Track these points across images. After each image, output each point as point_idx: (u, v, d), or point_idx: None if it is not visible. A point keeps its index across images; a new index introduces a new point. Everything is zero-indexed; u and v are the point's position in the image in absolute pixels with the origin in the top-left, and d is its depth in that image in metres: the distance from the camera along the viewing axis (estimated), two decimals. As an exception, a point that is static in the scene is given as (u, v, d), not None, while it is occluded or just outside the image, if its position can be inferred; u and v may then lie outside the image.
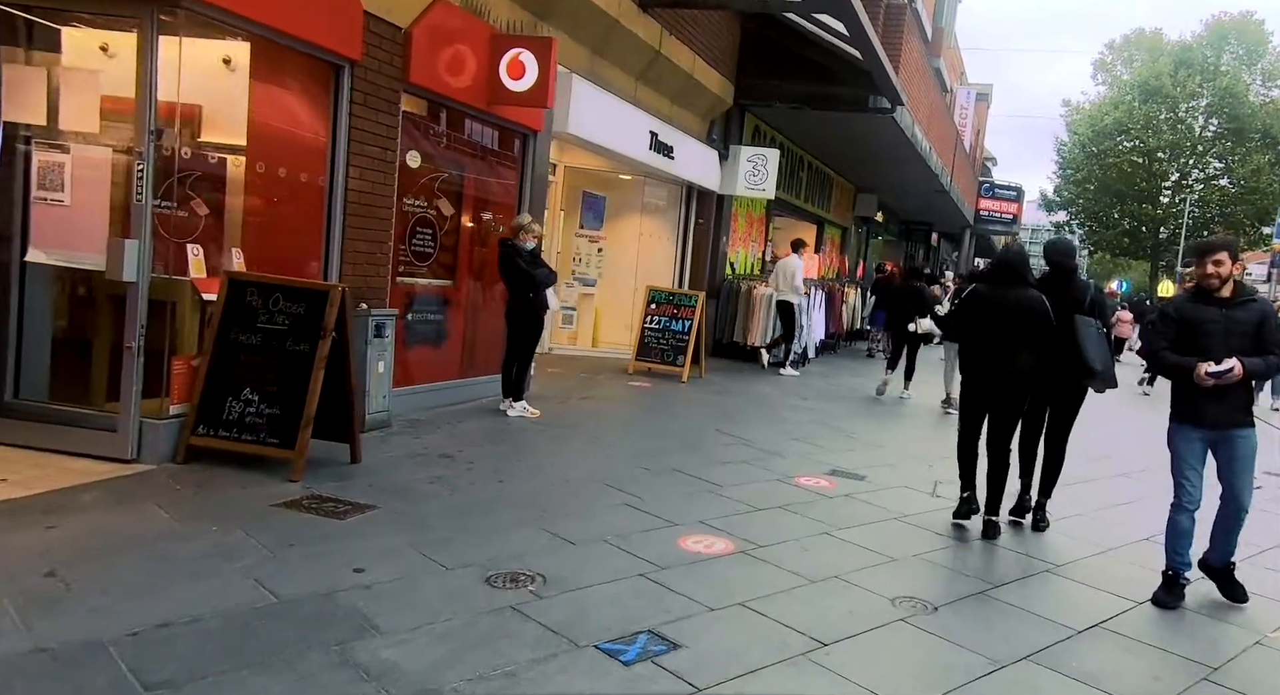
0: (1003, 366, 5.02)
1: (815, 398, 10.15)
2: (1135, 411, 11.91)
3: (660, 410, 8.34)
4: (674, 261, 12.85)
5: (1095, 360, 4.94)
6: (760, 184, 12.82)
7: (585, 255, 11.77)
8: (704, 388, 9.96)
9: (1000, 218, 30.84)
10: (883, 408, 10.08)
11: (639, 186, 12.36)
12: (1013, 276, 5.10)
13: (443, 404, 7.12)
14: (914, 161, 16.54)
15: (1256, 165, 39.92)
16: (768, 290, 12.77)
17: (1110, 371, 5.09)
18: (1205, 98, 42.54)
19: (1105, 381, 5.08)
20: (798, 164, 16.61)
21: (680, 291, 10.60)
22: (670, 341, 10.36)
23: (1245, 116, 40.64)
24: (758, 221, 15.53)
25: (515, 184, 7.88)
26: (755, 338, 12.73)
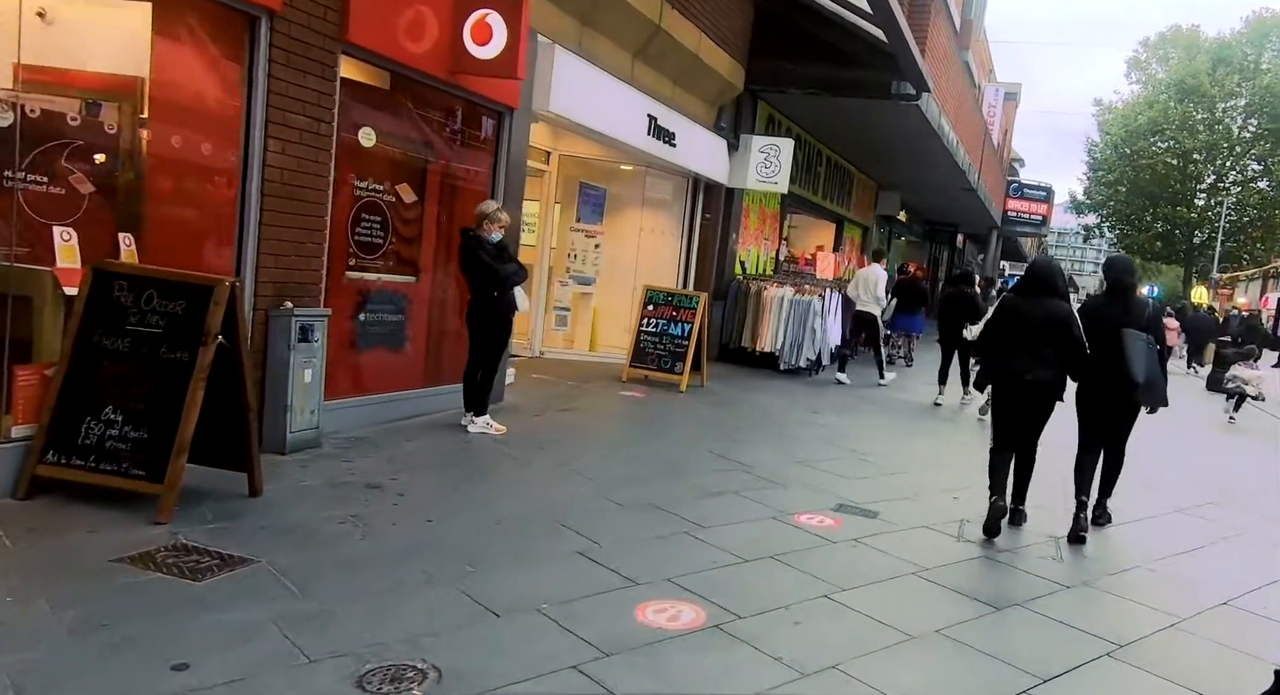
0: (1031, 374, 5.12)
1: (828, 410, 9.17)
2: (1213, 439, 10.83)
3: (649, 426, 7.40)
4: (678, 259, 11.90)
5: (1138, 372, 5.00)
6: (772, 176, 11.85)
7: (581, 252, 10.84)
8: (704, 399, 9.01)
9: (1029, 219, 29.67)
10: (903, 423, 9.08)
11: (640, 178, 11.42)
12: (1043, 287, 5.23)
13: (397, 417, 6.23)
14: (940, 156, 15.48)
15: (1297, 167, 38.37)
16: (780, 291, 11.80)
17: (1160, 388, 5.18)
18: (1244, 97, 40.99)
19: (1152, 397, 5.18)
20: (815, 158, 15.60)
21: (680, 292, 9.65)
22: (668, 347, 9.42)
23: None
24: (771, 218, 14.55)
25: (488, 169, 6.97)
26: (765, 343, 11.76)
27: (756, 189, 12.16)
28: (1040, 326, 5.11)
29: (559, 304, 10.78)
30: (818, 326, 11.68)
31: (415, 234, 6.50)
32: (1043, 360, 5.10)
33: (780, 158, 11.81)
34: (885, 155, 16.44)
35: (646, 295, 9.65)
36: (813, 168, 15.57)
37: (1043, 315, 5.12)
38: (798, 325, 11.66)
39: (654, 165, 10.90)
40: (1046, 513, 5.57)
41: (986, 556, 4.75)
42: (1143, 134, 42.20)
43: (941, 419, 9.64)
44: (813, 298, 11.69)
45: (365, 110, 5.82)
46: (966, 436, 8.70)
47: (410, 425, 6.15)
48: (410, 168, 6.34)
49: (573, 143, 10.26)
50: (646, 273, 11.57)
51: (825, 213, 17.57)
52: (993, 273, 24.21)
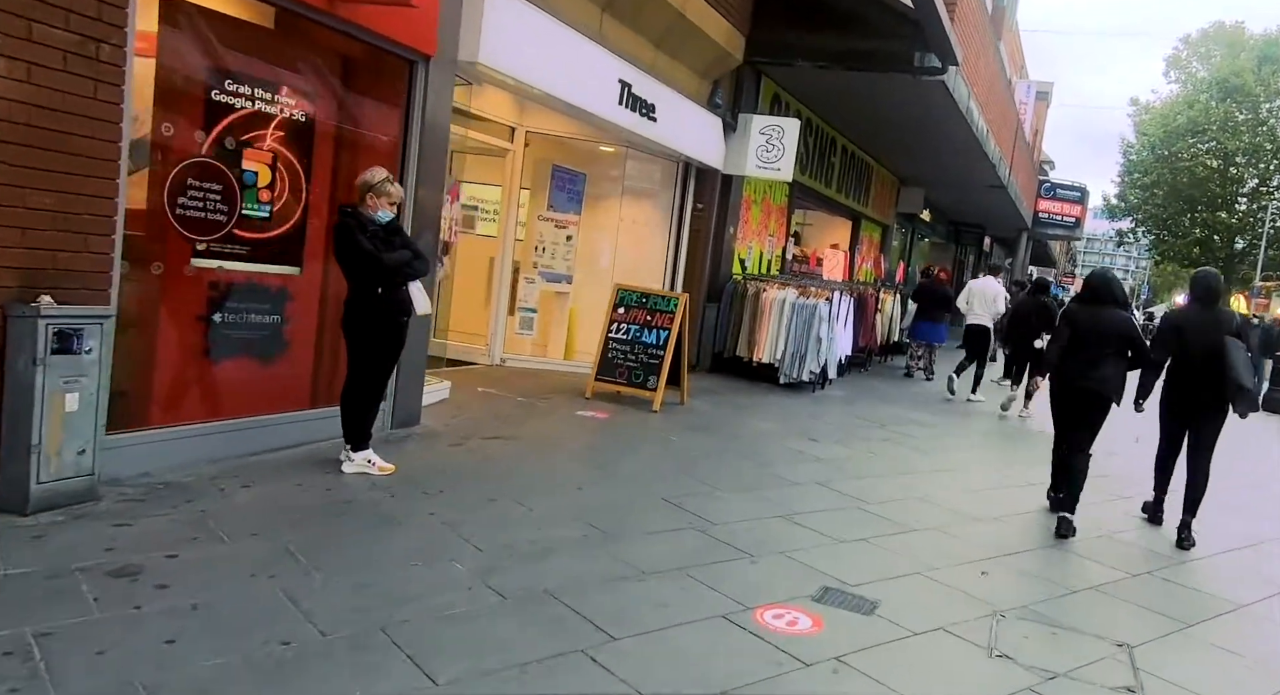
0: (1090, 379, 5.39)
1: (829, 438, 7.66)
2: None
3: (597, 460, 5.92)
4: (666, 255, 10.43)
5: (1244, 378, 5.20)
6: (775, 162, 10.34)
7: (551, 244, 9.38)
8: (680, 421, 7.54)
9: (1061, 221, 27.91)
10: (920, 454, 7.55)
11: (621, 161, 9.96)
12: (1103, 297, 5.53)
13: (261, 449, 4.82)
14: (967, 145, 13.89)
15: (1348, 171, 36.21)
16: (781, 294, 10.30)
17: (1252, 395, 5.32)
18: (1291, 96, 38.85)
19: (1249, 404, 5.34)
20: (828, 146, 14.05)
21: (656, 292, 8.18)
22: (641, 357, 7.95)
23: (1337, 117, 36.95)
24: (777, 212, 13.02)
25: (397, 135, 5.53)
26: (763, 352, 10.26)
27: (756, 176, 10.65)
28: (1102, 334, 5.41)
29: (524, 305, 9.33)
30: (824, 335, 10.17)
31: (295, 215, 5.07)
32: (1103, 366, 5.38)
33: (784, 140, 10.30)
34: (907, 144, 14.86)
35: (616, 295, 8.18)
36: (825, 157, 14.03)
37: (1104, 323, 5.42)
38: (801, 333, 10.15)
39: (635, 145, 9.43)
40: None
41: (1033, 691, 3.23)
42: (1181, 135, 40.13)
43: (968, 446, 8.10)
44: (819, 301, 10.17)
45: (210, 44, 4.41)
46: (998, 467, 7.16)
47: (271, 461, 4.72)
48: (292, 128, 4.92)
49: (541, 117, 8.83)
50: (628, 270, 10.10)
51: (840, 208, 16.01)
52: (1022, 276, 22.52)
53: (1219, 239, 41.59)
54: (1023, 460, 7.76)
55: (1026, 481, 6.90)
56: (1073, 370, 5.45)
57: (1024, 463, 7.65)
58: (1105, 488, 6.59)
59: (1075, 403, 5.52)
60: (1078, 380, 5.42)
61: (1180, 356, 5.57)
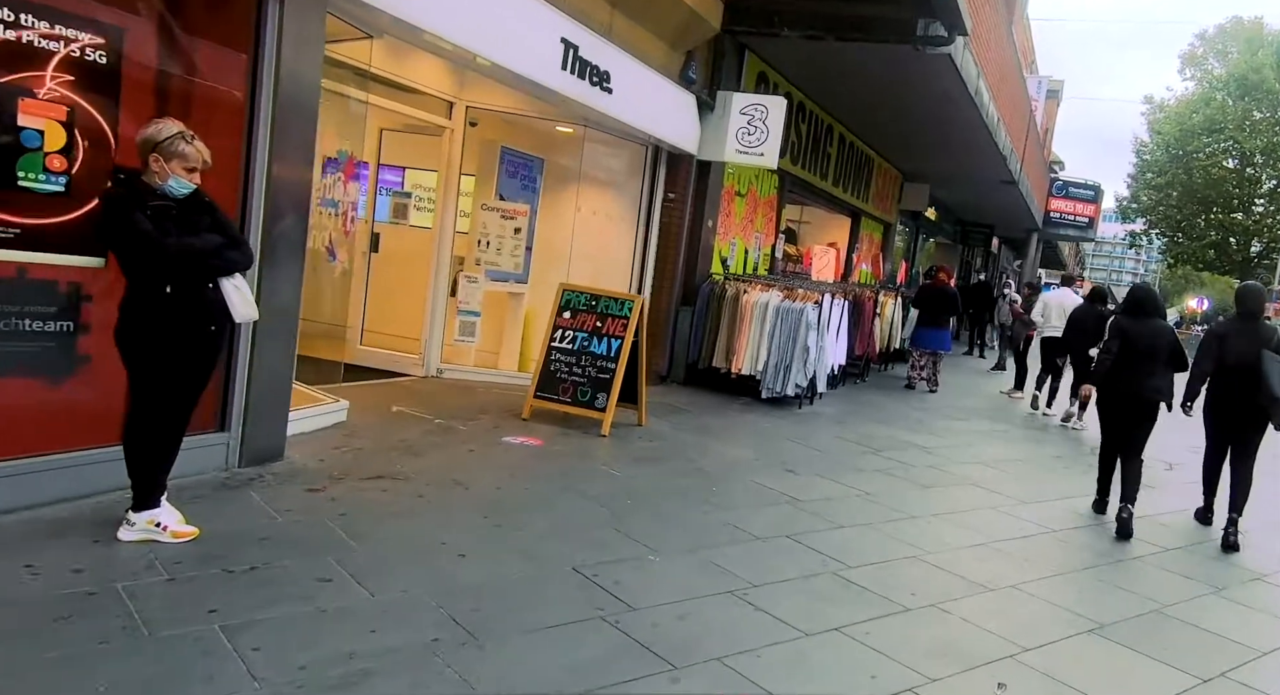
0: (1140, 387, 5.72)
1: (810, 469, 6.40)
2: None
3: (506, 510, 4.65)
4: (634, 252, 9.18)
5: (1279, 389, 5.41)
6: (757, 146, 9.07)
7: (496, 238, 8.13)
8: (633, 447, 6.29)
9: (1074, 221, 26.58)
10: (918, 490, 6.28)
11: (579, 144, 8.72)
12: (1147, 309, 5.87)
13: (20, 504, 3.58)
14: (976, 135, 12.62)
15: (1372, 172, 34.81)
16: (763, 296, 9.05)
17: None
18: (1312, 95, 37.40)
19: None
20: (824, 135, 12.79)
21: (609, 293, 6.92)
22: (589, 371, 6.70)
23: (1360, 116, 35.56)
24: (765, 206, 11.76)
25: (243, 88, 4.28)
26: (742, 362, 9.01)
27: (736, 163, 9.39)
28: (1153, 345, 5.71)
29: (465, 307, 8.09)
30: (812, 343, 8.91)
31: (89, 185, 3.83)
32: (1152, 375, 5.68)
33: (768, 121, 9.04)
34: (911, 133, 13.58)
35: (560, 297, 6.94)
36: (821, 146, 12.77)
37: (1150, 334, 5.73)
38: (785, 341, 8.90)
39: (594, 124, 8.19)
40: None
41: None
42: (1197, 134, 38.76)
43: (976, 479, 6.83)
44: (806, 305, 8.93)
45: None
46: (1011, 506, 5.89)
47: (29, 522, 3.48)
48: (91, 73, 3.69)
49: (485, 91, 7.60)
50: (591, 268, 8.88)
51: (837, 204, 14.74)
52: (1034, 279, 21.23)
53: (1235, 242, 40.21)
54: (1042, 496, 6.49)
55: (1046, 525, 5.65)
56: (1128, 380, 5.72)
57: (1043, 500, 6.39)
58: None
59: (1130, 411, 5.80)
60: (1134, 389, 5.72)
61: (1221, 367, 5.78)
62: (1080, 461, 8.29)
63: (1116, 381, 5.77)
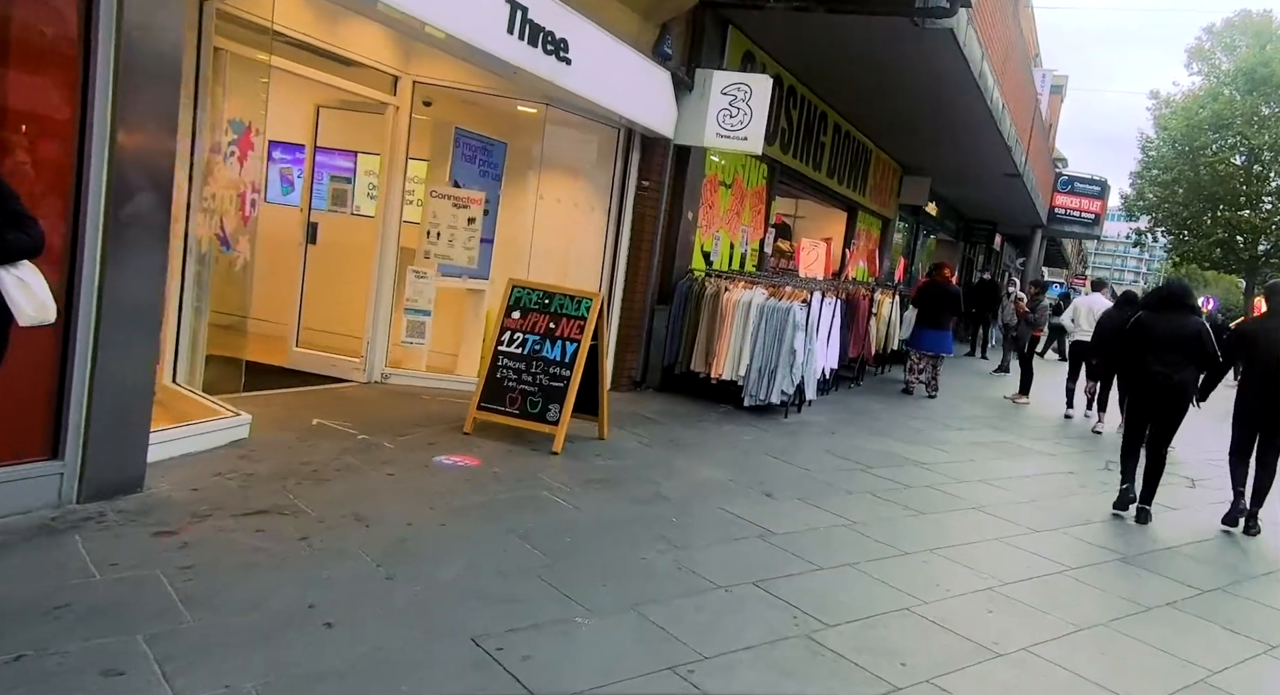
0: (1166, 381, 5.82)
1: (790, 493, 5.59)
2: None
3: (409, 555, 3.82)
4: (604, 245, 8.37)
5: None
6: (739, 130, 8.25)
7: (448, 229, 7.30)
8: (588, 468, 5.49)
9: (1079, 218, 25.78)
10: (912, 522, 5.47)
11: (545, 126, 7.89)
12: (1176, 304, 5.96)
13: None
14: (980, 122, 11.79)
15: (1386, 169, 33.92)
16: (746, 294, 8.25)
17: None
18: (1323, 90, 36.48)
19: None
20: (817, 122, 11.96)
21: (563, 290, 6.09)
22: (540, 378, 5.89)
23: (1373, 112, 34.66)
24: (753, 197, 10.94)
25: (74, 43, 3.45)
26: (723, 366, 8.21)
27: (717, 148, 8.57)
28: (1175, 339, 5.85)
29: (413, 305, 7.27)
30: (799, 345, 8.11)
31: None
32: (1183, 370, 5.85)
33: (752, 102, 8.21)
34: (910, 121, 12.74)
35: (509, 294, 6.12)
36: (814, 135, 11.94)
37: (1176, 328, 5.87)
38: (770, 343, 8.10)
39: (558, 103, 7.37)
40: None
41: None
42: (1204, 129, 37.86)
43: (980, 501, 6.01)
44: (793, 304, 8.12)
45: None
46: (1020, 538, 5.07)
47: None
48: None
49: (433, 63, 6.79)
50: (557, 264, 8.09)
51: (833, 197, 13.92)
52: (1039, 277, 20.39)
53: (1243, 240, 39.30)
54: (1055, 522, 5.68)
55: (1062, 562, 4.84)
56: (1155, 373, 5.86)
57: (1057, 526, 5.58)
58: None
59: (1158, 404, 5.93)
60: (1156, 380, 5.86)
61: (1249, 364, 5.98)
62: (1095, 477, 7.49)
63: (1141, 372, 5.96)
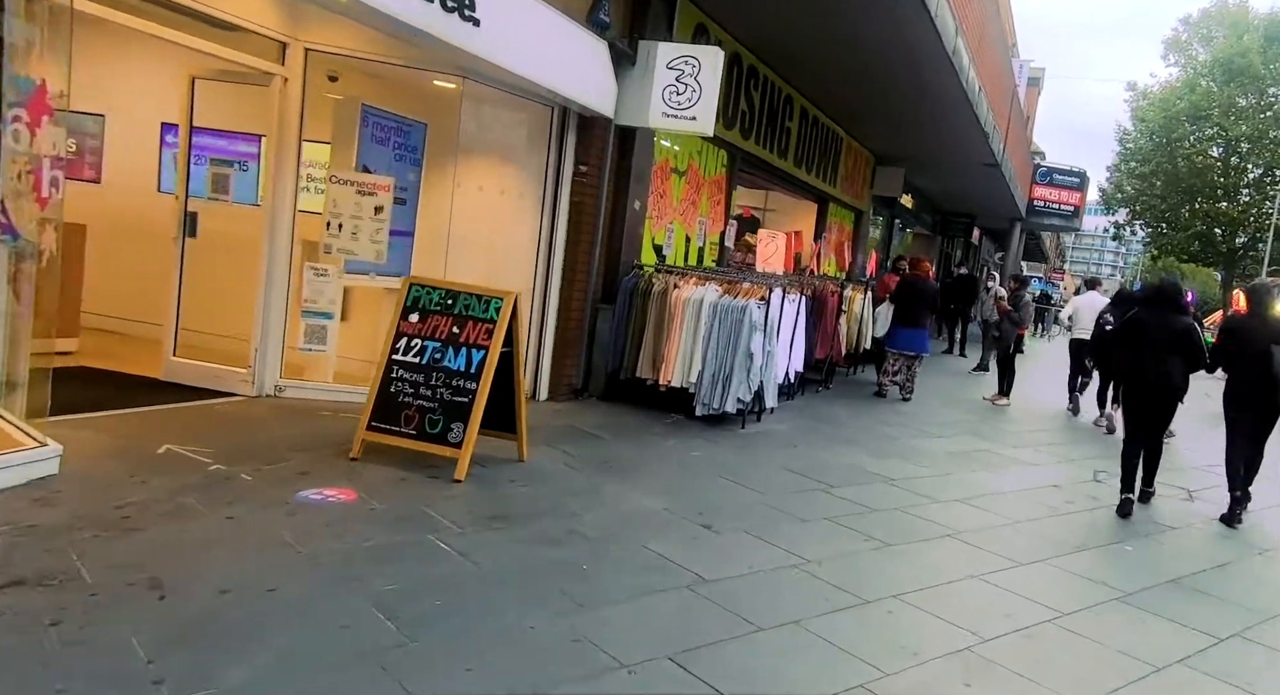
0: (1159, 380, 6.05)
1: (734, 523, 4.75)
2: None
3: (203, 643, 2.91)
4: (538, 238, 7.49)
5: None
6: (687, 108, 7.39)
7: (351, 219, 6.37)
8: (494, 499, 4.61)
9: (1059, 210, 25.18)
10: (875, 557, 4.64)
11: (469, 103, 7.00)
12: (1168, 303, 6.17)
13: None
14: (956, 106, 11.03)
15: (1364, 159, 33.58)
16: (698, 291, 7.41)
17: None
18: (1299, 81, 36.13)
19: None
20: (782, 106, 11.14)
21: (469, 289, 5.19)
22: (442, 392, 5.00)
23: (1350, 102, 34.34)
24: (711, 187, 10.10)
25: None
26: (672, 372, 7.36)
27: (663, 129, 7.71)
28: (1167, 337, 6.03)
29: (313, 308, 6.37)
30: (756, 348, 7.28)
31: None
32: (1169, 365, 6.04)
33: (700, 78, 7.36)
34: (881, 105, 11.95)
35: (407, 294, 5.23)
36: (778, 120, 11.12)
37: (1168, 327, 6.05)
38: (724, 345, 7.27)
39: (474, 75, 6.48)
40: None
41: None
42: (1181, 121, 37.44)
43: (956, 527, 5.19)
44: (749, 302, 7.29)
45: None
46: (1004, 575, 4.25)
47: None
48: None
49: (326, 28, 5.89)
50: (483, 259, 7.22)
51: (801, 187, 13.12)
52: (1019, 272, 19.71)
53: (1220, 232, 38.95)
54: (1043, 550, 4.87)
55: (1053, 606, 4.02)
56: (1147, 370, 6.07)
57: (1045, 556, 4.76)
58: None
59: (1154, 400, 6.15)
60: (1152, 379, 6.06)
61: (1239, 359, 6.18)
62: (1082, 491, 6.71)
63: (1138, 372, 6.16)
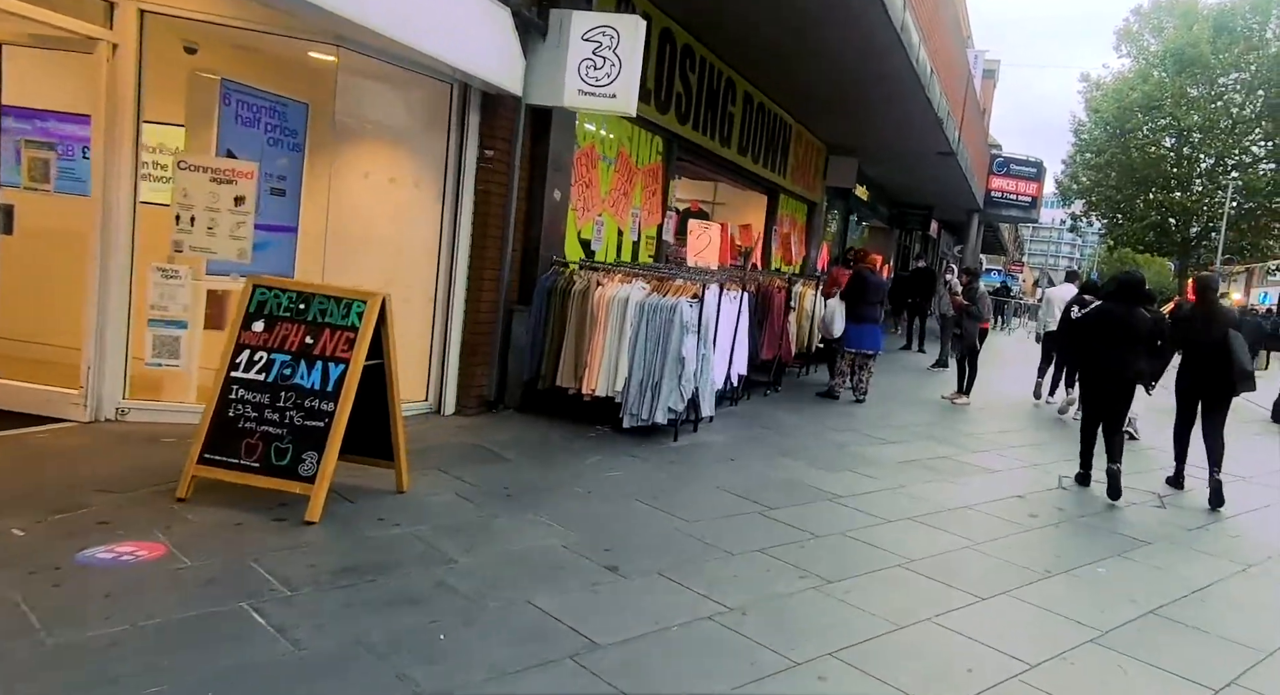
0: (1120, 371, 6.24)
1: (651, 558, 3.95)
2: None
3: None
4: (439, 232, 6.64)
5: (1248, 364, 6.31)
6: (606, 85, 6.58)
7: (205, 211, 5.45)
8: (350, 549, 3.78)
9: (1016, 201, 24.80)
10: (813, 598, 3.87)
11: (354, 79, 6.13)
12: (1132, 296, 6.29)
13: None
14: (907, 89, 10.35)
15: (1314, 147, 33.76)
16: (623, 290, 6.63)
17: (1251, 378, 6.32)
18: (1247, 71, 36.28)
19: (1247, 385, 6.30)
20: (723, 89, 10.39)
21: (325, 290, 4.34)
22: (292, 415, 4.14)
23: (1296, 91, 34.53)
24: (646, 176, 9.31)
25: None
26: (596, 380, 6.56)
27: (581, 108, 6.89)
28: (1130, 329, 6.19)
29: (162, 315, 5.45)
30: (688, 351, 6.50)
31: None
32: (1133, 356, 6.22)
33: (620, 50, 6.56)
34: (828, 89, 11.25)
35: (249, 300, 4.35)
36: (719, 104, 10.37)
37: (1132, 320, 6.20)
38: (652, 349, 6.49)
39: (352, 44, 5.62)
40: None
41: None
42: (1134, 111, 37.48)
43: (913, 553, 4.44)
44: (680, 300, 6.51)
45: None
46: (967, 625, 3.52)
47: None
48: None
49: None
50: (374, 257, 6.39)
51: (748, 178, 12.39)
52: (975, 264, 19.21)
53: (1175, 222, 39.08)
54: (1007, 578, 4.14)
55: (1018, 655, 3.26)
56: (1116, 363, 6.25)
57: (1010, 586, 4.03)
58: None
59: (1115, 389, 6.31)
60: (1115, 369, 6.25)
61: (1188, 347, 6.54)
62: (1049, 501, 6.06)
63: (1100, 362, 6.34)
